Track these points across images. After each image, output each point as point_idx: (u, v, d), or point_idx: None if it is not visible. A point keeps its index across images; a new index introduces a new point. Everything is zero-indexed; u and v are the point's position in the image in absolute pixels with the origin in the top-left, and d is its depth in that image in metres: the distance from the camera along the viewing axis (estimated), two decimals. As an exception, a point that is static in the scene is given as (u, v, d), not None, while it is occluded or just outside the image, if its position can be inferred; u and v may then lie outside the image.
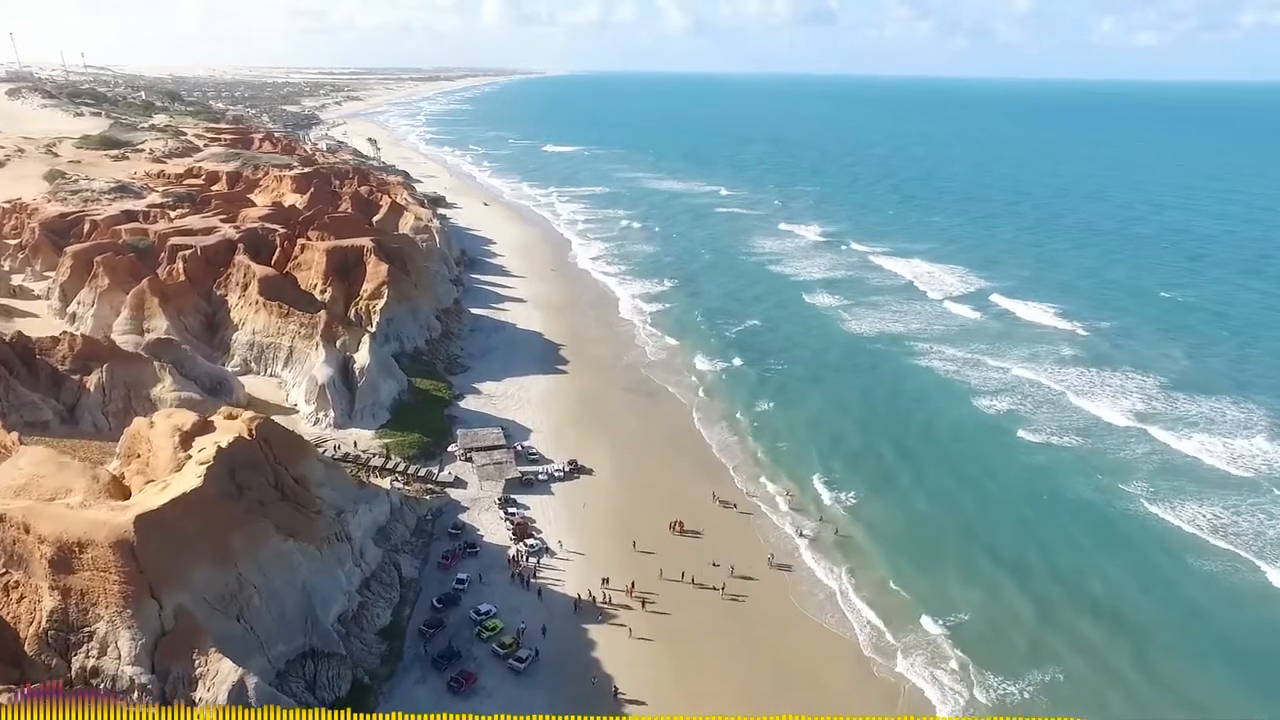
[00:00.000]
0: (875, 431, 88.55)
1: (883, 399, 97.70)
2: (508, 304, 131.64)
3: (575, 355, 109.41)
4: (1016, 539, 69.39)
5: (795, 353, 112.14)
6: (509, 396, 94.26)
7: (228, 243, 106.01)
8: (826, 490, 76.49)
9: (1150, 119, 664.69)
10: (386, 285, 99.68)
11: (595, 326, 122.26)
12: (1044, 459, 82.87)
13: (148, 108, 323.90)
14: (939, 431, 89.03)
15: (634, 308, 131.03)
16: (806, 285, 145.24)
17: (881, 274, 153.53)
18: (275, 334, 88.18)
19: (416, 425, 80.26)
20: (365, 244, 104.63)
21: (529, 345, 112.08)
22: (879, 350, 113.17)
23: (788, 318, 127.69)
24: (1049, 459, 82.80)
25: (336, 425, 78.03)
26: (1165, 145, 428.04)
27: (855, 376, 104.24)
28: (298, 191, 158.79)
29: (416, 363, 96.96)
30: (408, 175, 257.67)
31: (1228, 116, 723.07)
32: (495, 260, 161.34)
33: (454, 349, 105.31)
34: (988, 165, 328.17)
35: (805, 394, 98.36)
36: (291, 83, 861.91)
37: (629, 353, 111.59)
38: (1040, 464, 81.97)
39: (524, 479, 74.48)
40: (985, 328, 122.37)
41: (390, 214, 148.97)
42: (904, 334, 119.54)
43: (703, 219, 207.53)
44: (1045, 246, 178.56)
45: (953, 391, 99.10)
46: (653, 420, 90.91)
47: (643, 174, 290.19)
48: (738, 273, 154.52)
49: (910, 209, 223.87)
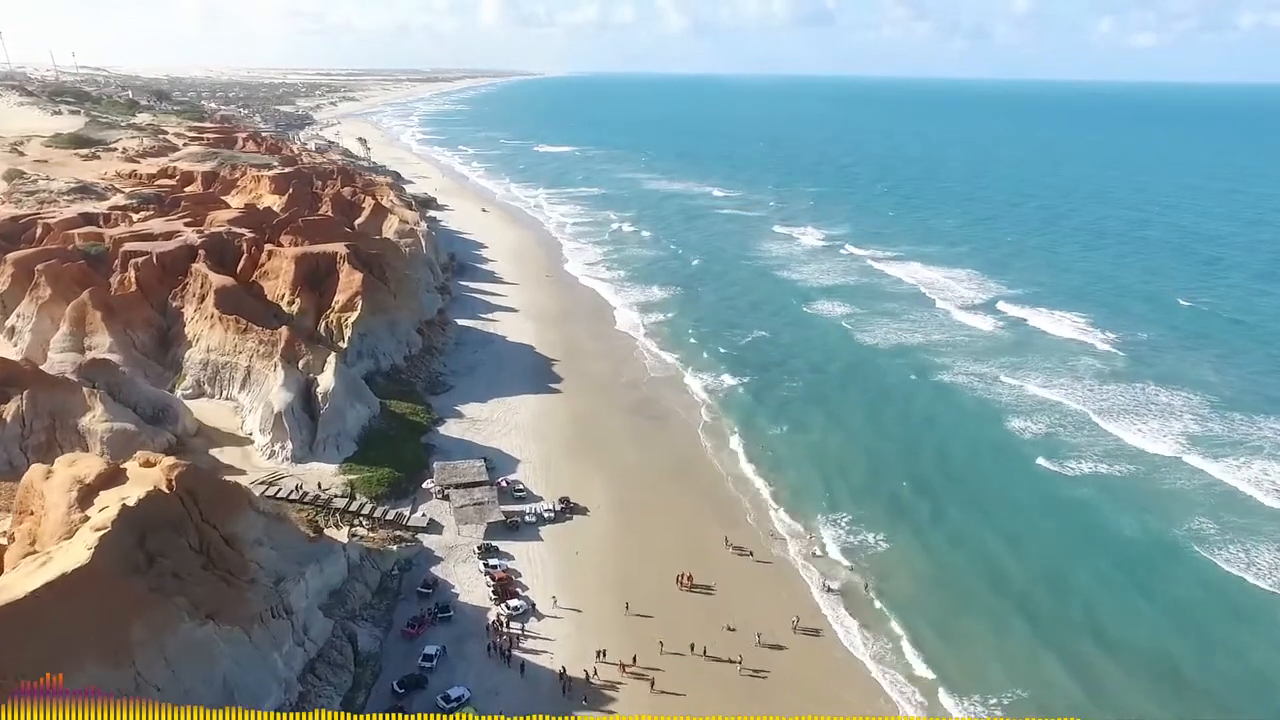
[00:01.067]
0: (895, 460, 79.49)
1: (898, 421, 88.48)
2: (498, 314, 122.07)
3: (569, 372, 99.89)
4: (1055, 593, 60.12)
5: (804, 368, 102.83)
6: (495, 421, 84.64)
7: (188, 249, 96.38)
8: (851, 532, 67.29)
9: (1149, 120, 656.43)
10: (361, 296, 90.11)
11: (591, 339, 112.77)
12: (1077, 493, 74.01)
13: (131, 106, 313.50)
14: (959, 460, 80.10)
15: (632, 318, 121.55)
16: (810, 293, 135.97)
17: (887, 280, 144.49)
18: (231, 352, 78.53)
19: (387, 458, 70.63)
20: (338, 250, 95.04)
21: (519, 360, 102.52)
22: (890, 365, 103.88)
23: (792, 329, 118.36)
24: (1082, 493, 73.98)
25: (295, 459, 68.40)
26: (1165, 146, 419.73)
27: (868, 395, 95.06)
28: (276, 193, 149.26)
29: (393, 382, 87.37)
30: (398, 176, 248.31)
31: (1227, 117, 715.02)
32: (486, 266, 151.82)
33: (436, 366, 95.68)
34: (988, 166, 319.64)
35: (818, 416, 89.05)
36: (288, 84, 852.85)
37: (627, 369, 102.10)
38: (1073, 499, 73.06)
39: (508, 522, 64.89)
40: (998, 340, 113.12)
41: (373, 217, 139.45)
42: (914, 346, 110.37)
43: (702, 222, 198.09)
44: (1052, 249, 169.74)
45: (970, 413, 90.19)
46: (655, 448, 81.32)
47: (641, 175, 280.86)
48: (738, 279, 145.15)
49: (911, 210, 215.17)
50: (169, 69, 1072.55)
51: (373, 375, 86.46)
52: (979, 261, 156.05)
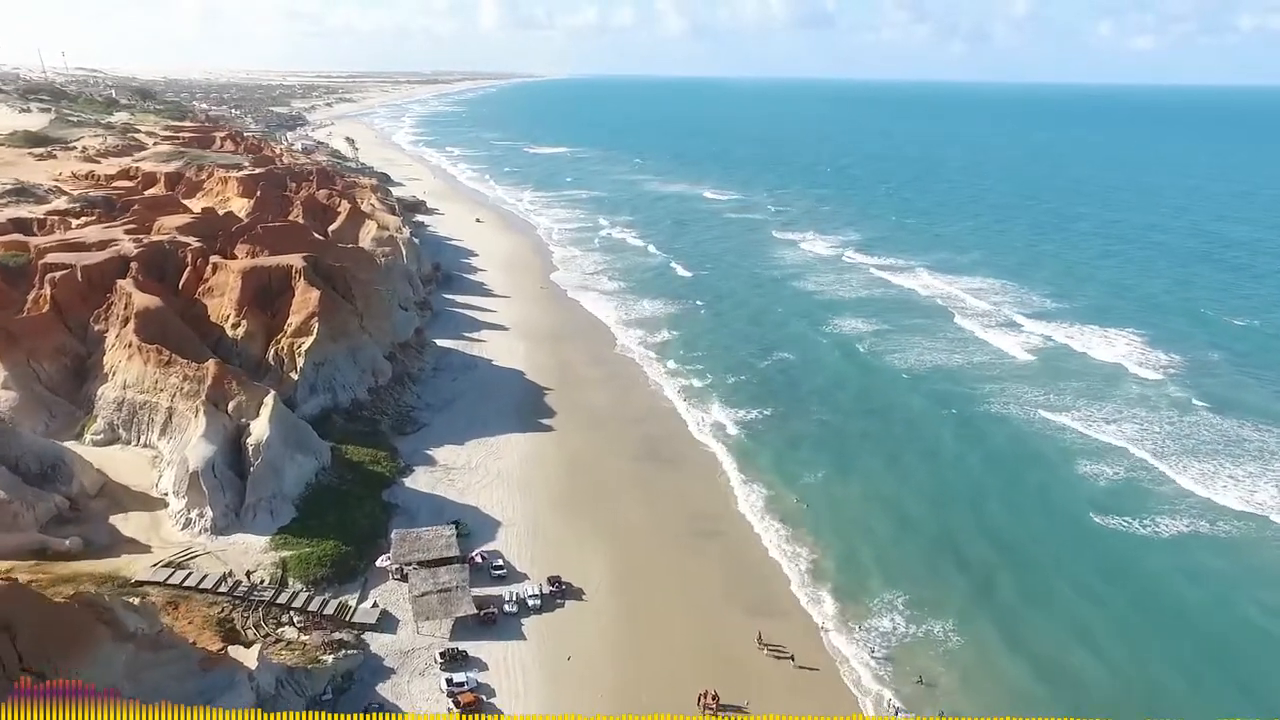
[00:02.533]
0: (948, 519, 66.95)
1: (944, 466, 75.62)
2: (485, 332, 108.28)
3: (564, 403, 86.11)
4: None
5: (828, 398, 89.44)
6: (474, 468, 70.88)
7: (119, 261, 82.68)
8: (911, 619, 54.55)
9: (1151, 122, 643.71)
10: (317, 317, 76.33)
11: (589, 362, 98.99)
12: (1155, 563, 61.25)
13: (109, 105, 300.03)
14: (1016, 518, 67.50)
15: (633, 337, 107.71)
16: (822, 307, 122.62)
17: (899, 292, 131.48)
18: (151, 389, 64.75)
19: (334, 525, 56.85)
20: (294, 263, 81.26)
21: (506, 389, 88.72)
22: (921, 396, 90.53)
23: (808, 349, 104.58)
24: (1159, 563, 61.16)
25: (215, 529, 54.59)
26: (1170, 148, 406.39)
27: (902, 433, 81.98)
28: (245, 195, 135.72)
29: (353, 422, 73.58)
30: (387, 178, 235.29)
31: (1230, 119, 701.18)
32: (475, 276, 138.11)
33: (408, 398, 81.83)
34: (989, 167, 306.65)
35: (853, 458, 75.94)
36: (286, 85, 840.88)
37: (630, 399, 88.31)
38: (1153, 571, 60.33)
39: (483, 616, 51.07)
40: (1030, 365, 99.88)
41: (349, 222, 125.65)
42: (942, 373, 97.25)
43: (705, 227, 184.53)
44: (1068, 256, 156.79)
45: (1017, 457, 77.36)
46: (664, 502, 67.51)
47: (642, 177, 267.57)
48: (744, 291, 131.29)
49: (915, 213, 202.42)
50: (166, 71, 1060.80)
51: (329, 413, 72.75)
52: (993, 270, 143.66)
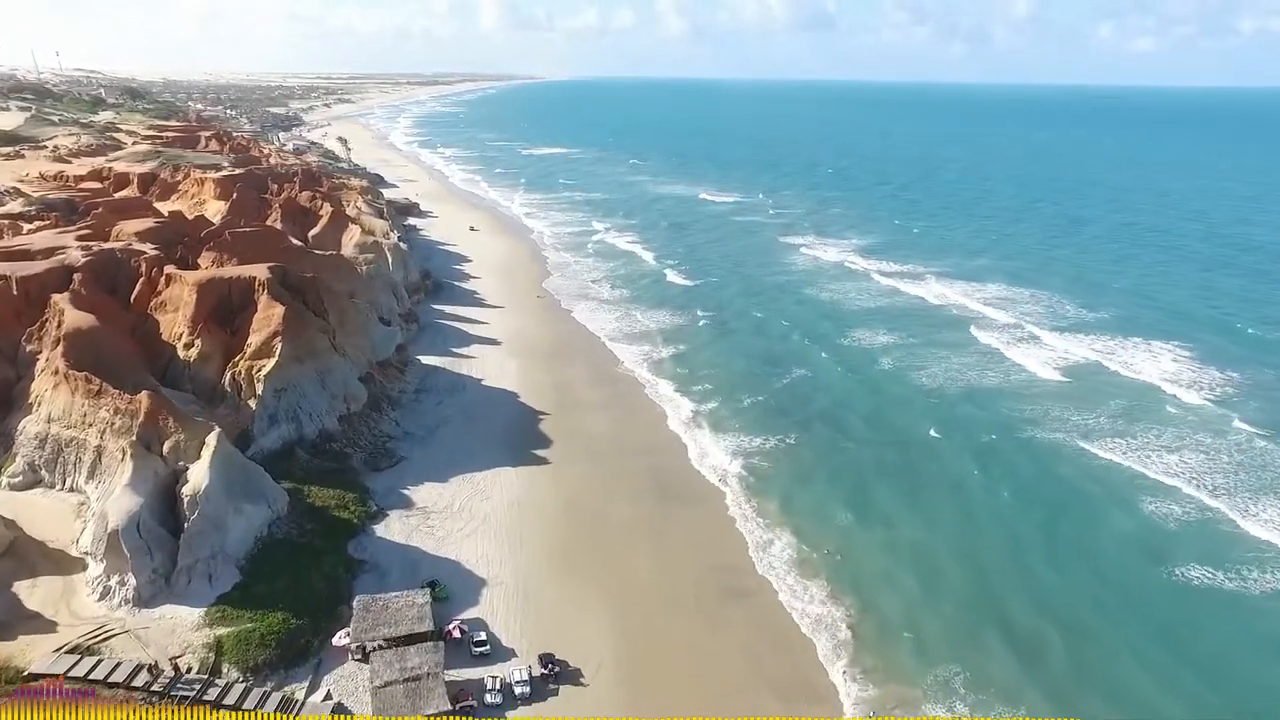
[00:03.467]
0: (997, 569, 58.60)
1: (982, 505, 66.96)
2: (475, 347, 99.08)
3: (561, 430, 76.96)
4: None
5: (847, 422, 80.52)
6: (457, 511, 61.73)
7: (62, 271, 73.59)
8: (977, 705, 45.04)
9: (1154, 123, 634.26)
10: (280, 337, 67.22)
11: (589, 382, 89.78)
12: (1251, 632, 52.27)
13: (95, 104, 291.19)
14: (1067, 570, 58.35)
15: (635, 352, 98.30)
16: (834, 318, 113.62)
17: (914, 303, 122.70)
18: (79, 423, 55.59)
19: (285, 591, 47.68)
20: (257, 274, 72.16)
21: (497, 415, 79.53)
22: (945, 419, 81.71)
23: (823, 366, 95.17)
24: (1260, 634, 52.28)
25: (138, 601, 45.39)
26: (1176, 149, 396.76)
27: (934, 464, 73.23)
28: (222, 198, 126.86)
29: (320, 456, 64.43)
30: (380, 179, 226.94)
31: (1232, 121, 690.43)
32: (468, 284, 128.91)
33: (385, 427, 72.62)
34: (993, 168, 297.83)
35: (881, 495, 67.43)
36: (285, 86, 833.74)
37: (634, 425, 79.12)
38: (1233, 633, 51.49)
39: (459, 710, 41.93)
40: (1061, 385, 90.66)
41: (330, 227, 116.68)
42: (965, 393, 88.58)
43: (706, 231, 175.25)
44: (1082, 262, 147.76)
45: (1063, 496, 68.43)
46: (676, 553, 58.30)
47: (643, 178, 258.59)
48: (750, 300, 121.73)
49: (920, 216, 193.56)
50: (166, 72, 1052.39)
51: (291, 447, 63.64)
52: (1005, 276, 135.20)
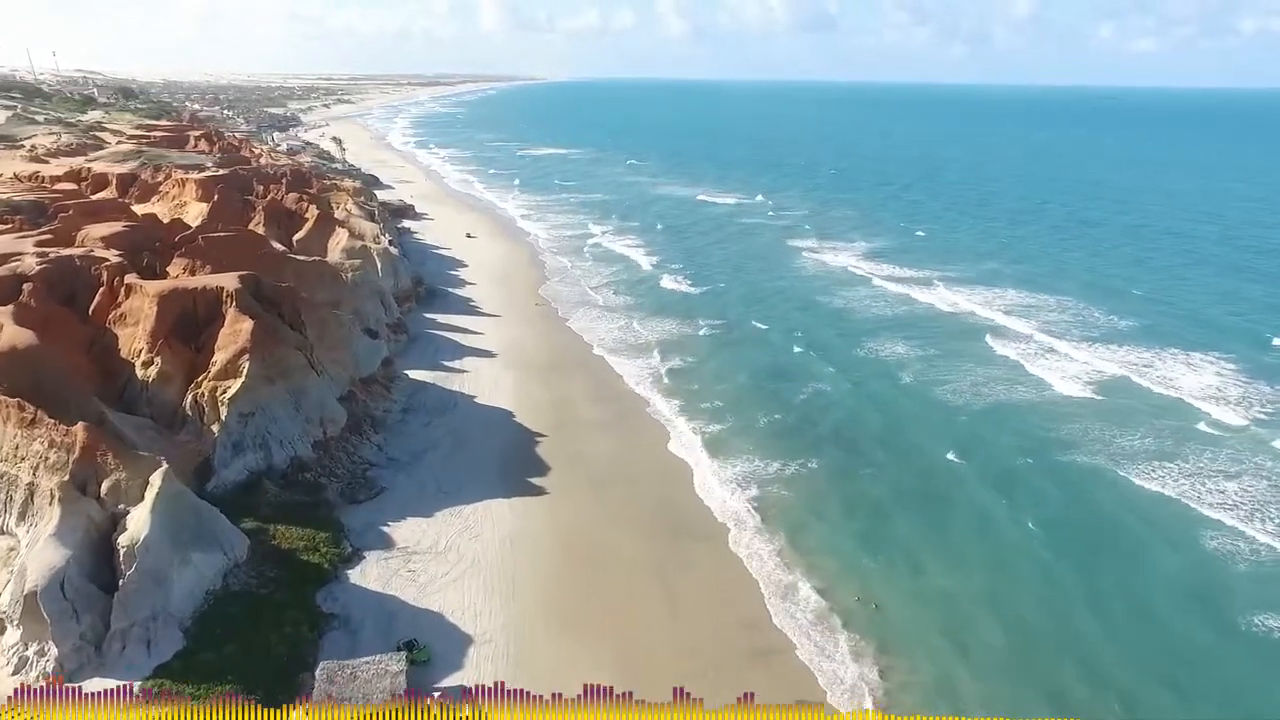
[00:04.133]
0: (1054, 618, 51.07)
1: (1021, 540, 59.58)
2: (468, 360, 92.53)
3: (559, 454, 70.42)
4: None
5: (865, 445, 73.63)
6: (442, 552, 55.11)
7: (12, 281, 67.13)
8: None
9: (1156, 123, 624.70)
10: (249, 355, 60.68)
11: (588, 398, 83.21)
12: None
13: (86, 103, 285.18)
14: (1150, 624, 51.06)
15: (637, 366, 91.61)
16: (843, 329, 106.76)
17: (925, 311, 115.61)
18: (11, 457, 48.92)
19: (237, 658, 41.08)
20: (226, 285, 65.63)
21: (490, 437, 72.95)
22: (970, 442, 73.98)
23: (834, 382, 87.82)
24: None
25: (63, 672, 38.84)
26: (1179, 149, 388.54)
27: (961, 493, 65.97)
28: (204, 199, 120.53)
29: (290, 488, 57.83)
30: (376, 180, 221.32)
31: (1235, 121, 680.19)
32: (463, 291, 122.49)
33: (365, 452, 66.03)
34: (996, 169, 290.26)
35: (919, 533, 60.33)
36: (285, 87, 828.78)
37: (639, 448, 72.53)
38: None
39: (434, 811, 35.42)
40: (1094, 403, 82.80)
41: (317, 231, 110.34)
42: (989, 412, 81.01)
43: (708, 234, 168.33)
44: (1095, 266, 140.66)
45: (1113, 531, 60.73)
46: (692, 605, 51.49)
47: (641, 179, 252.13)
48: (756, 309, 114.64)
49: (925, 219, 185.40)
50: (167, 73, 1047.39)
51: (258, 479, 57.08)
52: (1016, 281, 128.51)
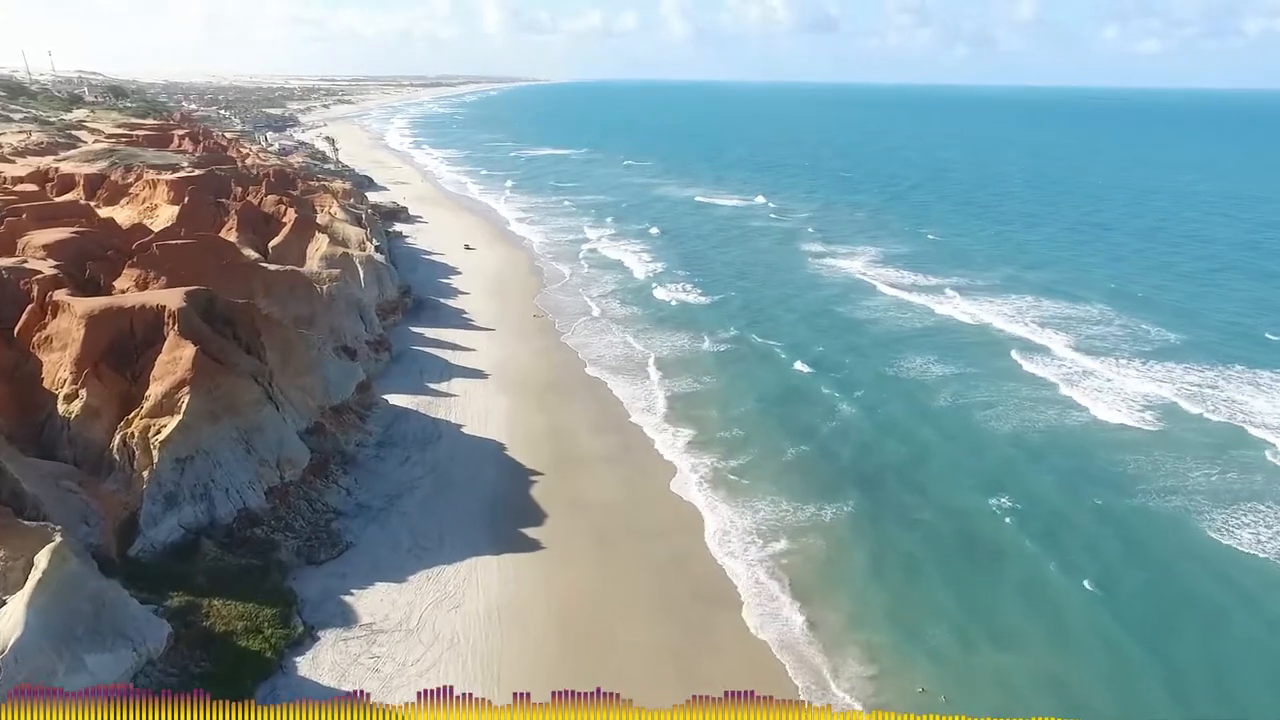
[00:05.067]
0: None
1: (1099, 619, 48.52)
2: (457, 381, 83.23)
3: (557, 498, 61.02)
4: None
5: (898, 488, 62.98)
6: (415, 630, 45.67)
7: (-75, 298, 58.19)
8: None
9: (1161, 124, 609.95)
10: (189, 386, 51.47)
11: (589, 427, 73.77)
12: None
13: (72, 102, 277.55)
14: None
15: (643, 391, 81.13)
16: (861, 346, 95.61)
17: (942, 323, 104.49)
18: (-122, 524, 39.82)
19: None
20: (169, 303, 56.38)
21: (479, 477, 63.57)
22: (1015, 480, 63.42)
23: (856, 408, 76.57)
24: None
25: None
26: (1188, 150, 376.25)
27: (1018, 547, 55.16)
28: (175, 201, 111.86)
29: (236, 548, 48.50)
30: (370, 181, 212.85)
31: (1241, 122, 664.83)
32: (455, 301, 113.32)
33: (331, 499, 56.63)
34: (1002, 170, 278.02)
35: (961, 598, 50.26)
36: (286, 88, 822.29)
37: (647, 492, 62.88)
38: None
39: None
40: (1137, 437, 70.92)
41: (295, 236, 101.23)
42: (1028, 447, 69.63)
43: (714, 239, 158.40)
44: (1117, 273, 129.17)
45: (1185, 604, 49.82)
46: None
47: (642, 181, 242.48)
48: (766, 322, 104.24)
49: (938, 224, 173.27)
50: (168, 74, 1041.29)
51: (196, 539, 47.86)
52: (1034, 290, 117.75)
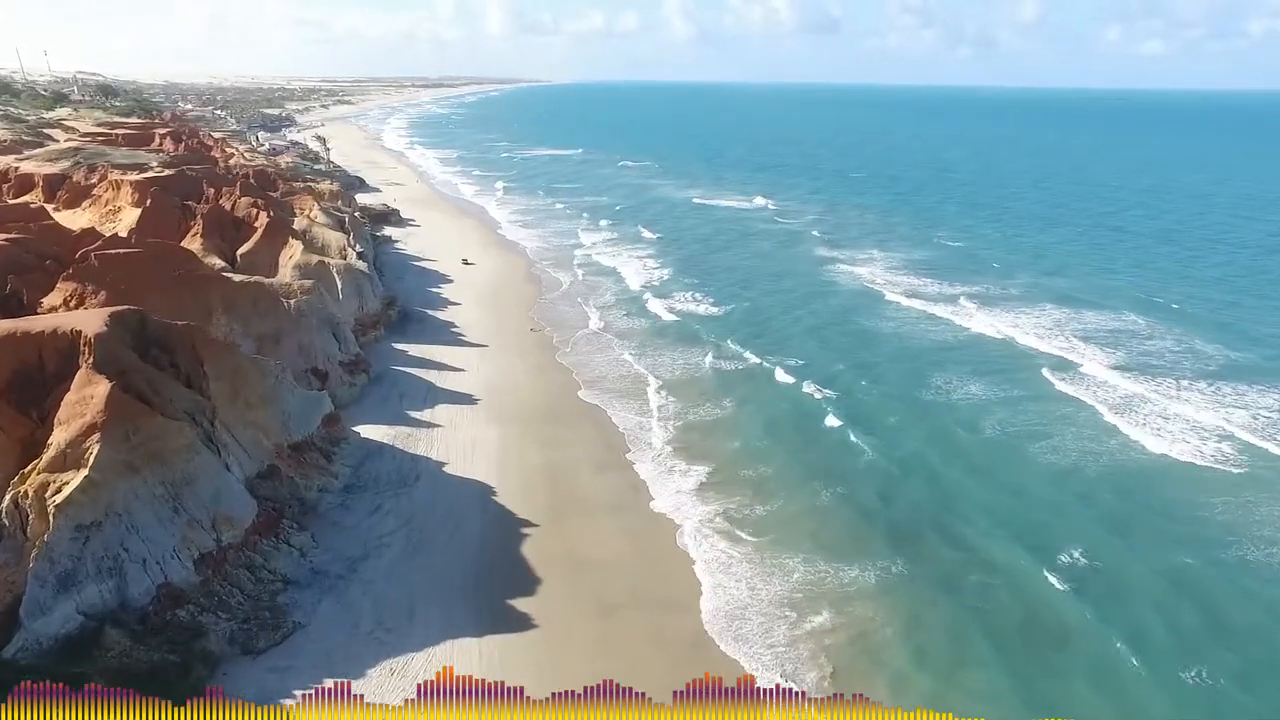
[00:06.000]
0: None
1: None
2: (442, 409, 73.58)
3: (553, 561, 51.25)
4: None
5: (933, 541, 52.68)
6: (367, 749, 36.20)
7: None
8: None
9: (1167, 124, 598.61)
10: (99, 434, 41.99)
11: (593, 464, 64.01)
12: None
13: (56, 101, 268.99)
14: None
15: (654, 423, 71.13)
16: (876, 364, 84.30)
17: (968, 339, 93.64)
18: None
19: None
20: (85, 328, 46.89)
21: (460, 531, 53.89)
22: (1069, 536, 52.50)
23: (894, 440, 66.60)
24: None
25: None
26: (1197, 150, 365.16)
27: (1083, 623, 44.68)
28: (140, 204, 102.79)
29: (151, 636, 38.78)
30: (362, 181, 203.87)
31: (1247, 122, 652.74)
32: (444, 313, 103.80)
33: (278, 563, 46.99)
34: (1008, 172, 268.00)
35: (1032, 696, 40.46)
36: (287, 89, 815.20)
37: (654, 549, 53.11)
38: None
39: None
40: (1210, 477, 60.66)
41: (265, 243, 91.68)
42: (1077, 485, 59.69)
43: (720, 240, 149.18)
44: (1142, 282, 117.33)
45: None
46: None
47: (643, 181, 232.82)
48: (775, 337, 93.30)
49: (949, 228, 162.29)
50: (170, 75, 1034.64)
51: (99, 627, 38.31)
52: (1059, 299, 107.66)
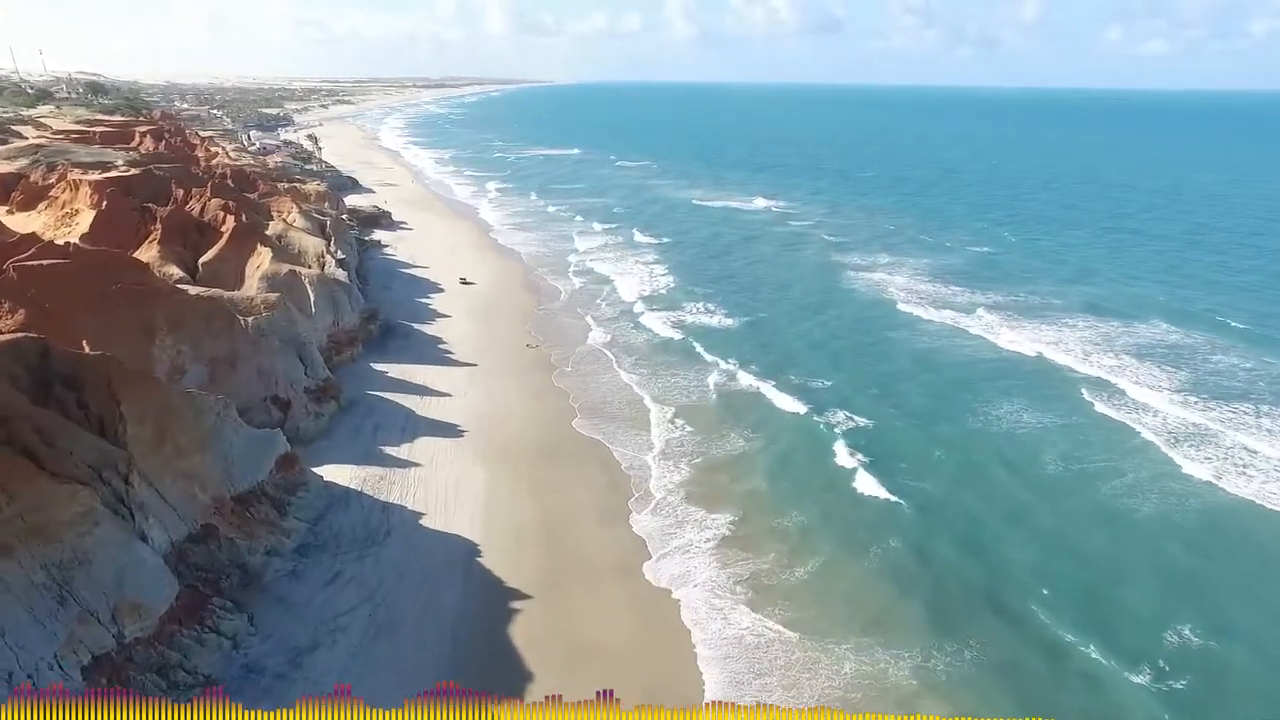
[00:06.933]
0: None
1: None
2: (423, 443, 63.98)
3: (551, 648, 41.59)
4: None
5: (1013, 626, 43.03)
6: None
7: None
8: None
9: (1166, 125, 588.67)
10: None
11: (597, 514, 54.40)
12: None
13: (39, 98, 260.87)
14: None
15: (663, 463, 61.45)
16: (913, 386, 75.00)
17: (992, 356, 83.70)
18: None
19: None
20: (-38, 363, 37.42)
21: (436, 605, 44.27)
22: (1141, 616, 43.29)
23: (921, 488, 56.68)
24: None
25: None
26: (1197, 151, 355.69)
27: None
28: (98, 206, 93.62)
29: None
30: (355, 182, 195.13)
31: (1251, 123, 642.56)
32: (433, 326, 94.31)
33: (200, 659, 37.16)
34: (1013, 172, 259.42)
35: None
36: (288, 89, 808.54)
37: (670, 629, 43.82)
38: None
39: None
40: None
41: (232, 250, 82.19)
42: (1140, 540, 50.57)
43: (727, 244, 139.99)
44: (1176, 291, 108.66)
45: None
46: None
47: (644, 182, 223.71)
48: (792, 355, 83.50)
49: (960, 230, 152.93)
50: (170, 75, 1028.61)
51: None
52: (1087, 310, 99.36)
